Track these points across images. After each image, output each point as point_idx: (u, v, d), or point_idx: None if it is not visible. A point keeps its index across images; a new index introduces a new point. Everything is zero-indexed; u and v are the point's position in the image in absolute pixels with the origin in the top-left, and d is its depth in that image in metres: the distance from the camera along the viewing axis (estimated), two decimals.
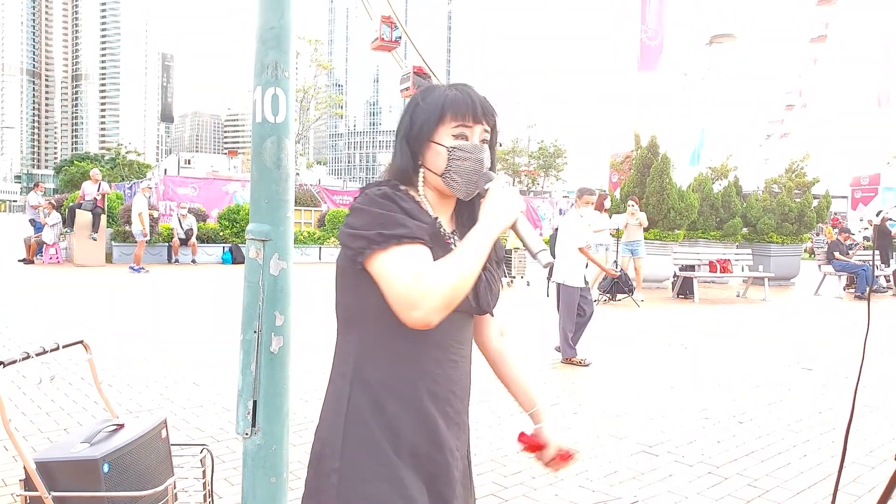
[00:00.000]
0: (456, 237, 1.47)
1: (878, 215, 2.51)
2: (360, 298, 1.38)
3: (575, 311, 6.64)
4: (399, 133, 1.46)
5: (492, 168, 1.45)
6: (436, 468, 1.41)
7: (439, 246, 1.38)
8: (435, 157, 1.41)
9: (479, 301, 1.44)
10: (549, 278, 7.47)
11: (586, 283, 6.91)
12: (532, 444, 1.62)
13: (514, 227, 1.39)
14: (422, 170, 1.44)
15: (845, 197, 34.58)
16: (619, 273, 7.36)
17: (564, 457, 1.61)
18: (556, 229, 7.73)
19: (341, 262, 1.41)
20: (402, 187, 1.41)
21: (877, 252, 15.39)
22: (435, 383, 1.40)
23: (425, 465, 1.39)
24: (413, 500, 1.34)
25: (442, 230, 1.44)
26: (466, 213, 1.52)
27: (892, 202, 28.97)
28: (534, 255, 1.38)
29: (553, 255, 7.01)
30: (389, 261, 1.28)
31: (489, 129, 1.45)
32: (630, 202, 12.62)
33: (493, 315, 1.58)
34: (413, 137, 1.43)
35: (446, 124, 1.40)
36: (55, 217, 15.66)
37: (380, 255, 1.29)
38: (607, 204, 12.16)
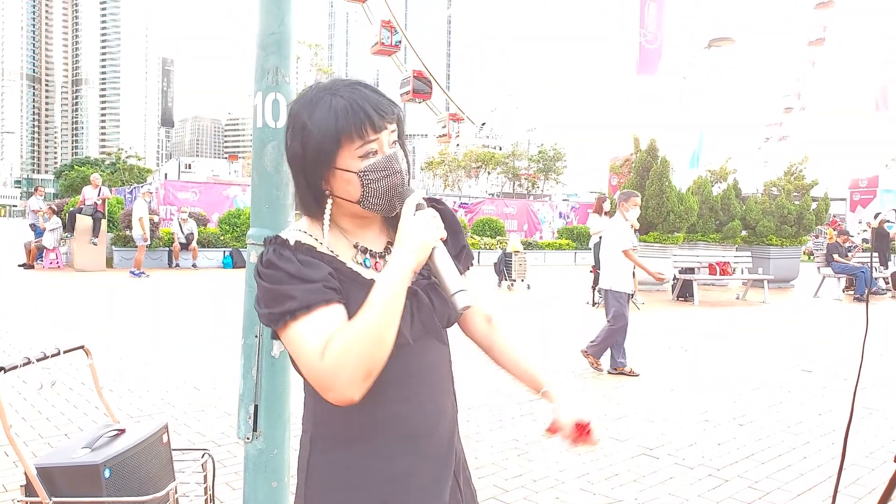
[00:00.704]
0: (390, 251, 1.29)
1: (875, 217, 2.51)
2: None
3: (626, 318, 6.41)
4: (293, 164, 1.25)
5: (409, 163, 1.28)
6: None
7: (352, 283, 1.22)
8: (345, 185, 1.21)
9: (419, 329, 1.26)
10: (595, 287, 7.25)
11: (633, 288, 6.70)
12: (552, 428, 1.48)
13: (430, 261, 1.20)
14: (329, 200, 1.25)
15: (844, 199, 34.63)
16: (665, 278, 7.13)
17: (581, 430, 1.45)
18: (600, 235, 7.54)
19: None
20: (293, 236, 1.23)
21: (875, 254, 15.41)
22: (401, 425, 1.26)
23: None
24: None
25: (357, 257, 1.27)
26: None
27: (890, 204, 28.99)
28: (448, 296, 1.19)
29: (597, 260, 6.96)
30: (291, 341, 1.15)
31: (393, 126, 1.24)
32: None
33: (448, 326, 1.37)
34: (310, 167, 1.21)
35: (346, 147, 1.19)
36: (55, 222, 15.67)
37: (282, 335, 1.17)
38: (606, 206, 12.15)
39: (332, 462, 1.25)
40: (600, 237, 7.28)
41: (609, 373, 6.42)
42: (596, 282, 7.27)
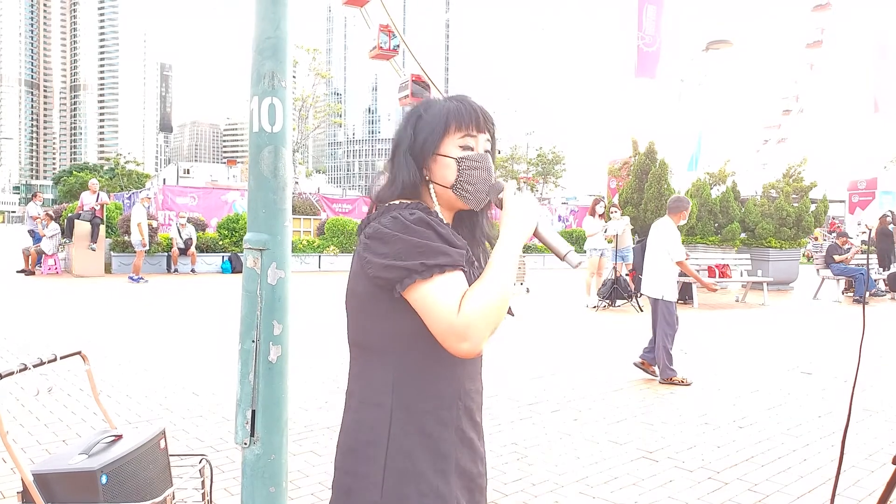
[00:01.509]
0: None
1: (880, 218, 2.50)
2: (394, 324, 1.33)
3: (676, 328, 6.30)
4: (401, 147, 1.42)
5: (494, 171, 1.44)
6: (479, 482, 1.43)
7: (469, 267, 1.36)
8: (443, 169, 1.39)
9: None
10: (638, 294, 7.06)
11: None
12: None
13: (537, 234, 1.37)
14: (431, 185, 1.41)
15: (843, 201, 34.66)
16: (717, 287, 6.99)
17: None
18: (639, 242, 7.31)
19: (366, 288, 1.34)
20: (433, 210, 1.38)
21: (874, 255, 15.39)
22: (470, 399, 1.41)
23: (470, 484, 1.40)
24: None
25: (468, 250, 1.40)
26: (467, 224, 1.50)
27: (889, 206, 29.01)
28: (562, 258, 1.36)
29: (639, 268, 6.83)
30: (432, 292, 1.25)
31: (490, 138, 1.44)
32: (613, 209, 12.69)
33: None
34: (418, 151, 1.39)
35: (452, 135, 1.38)
36: (54, 228, 15.66)
37: (422, 286, 1.25)
38: (600, 209, 12.14)
39: (418, 429, 1.33)
40: (639, 241, 7.03)
41: (660, 383, 6.22)
42: (637, 287, 7.05)
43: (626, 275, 12.18)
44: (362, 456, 1.33)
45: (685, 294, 12.79)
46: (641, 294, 6.77)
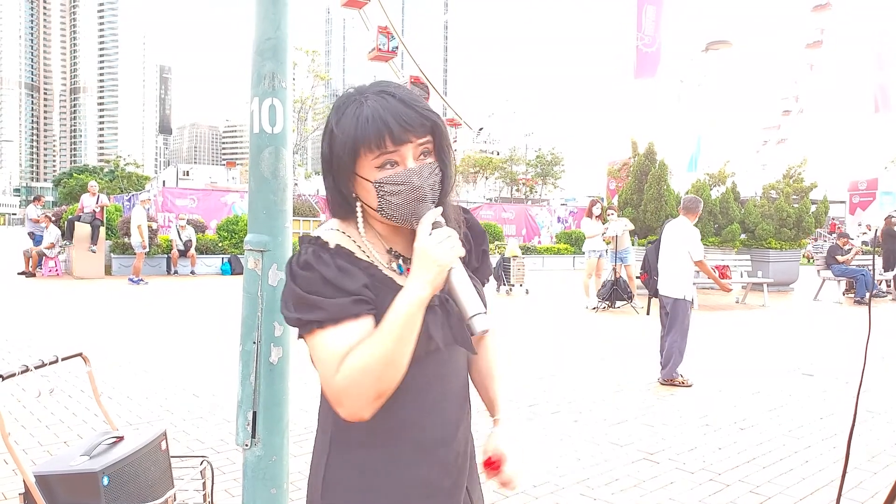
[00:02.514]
0: None
1: (885, 219, 2.50)
2: None
3: (688, 329, 6.27)
4: (322, 164, 1.27)
5: (447, 176, 1.26)
6: None
7: (387, 289, 1.20)
8: (365, 192, 1.22)
9: (448, 337, 1.24)
10: (652, 294, 6.94)
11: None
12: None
13: (447, 282, 1.18)
14: (358, 203, 1.26)
15: (843, 202, 34.69)
16: (731, 288, 6.90)
17: (489, 464, 1.41)
18: (651, 242, 7.23)
19: None
20: (333, 238, 1.23)
21: (879, 256, 15.38)
22: (421, 432, 1.25)
23: None
24: None
25: (393, 265, 1.27)
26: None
27: (889, 206, 29.01)
28: (466, 319, 1.17)
29: (654, 270, 6.78)
30: (313, 348, 1.16)
31: (424, 139, 1.21)
32: (610, 210, 12.69)
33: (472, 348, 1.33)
34: (336, 171, 1.23)
35: (365, 157, 1.19)
36: (54, 232, 15.66)
37: (308, 340, 1.17)
38: (597, 210, 12.14)
39: (351, 463, 1.24)
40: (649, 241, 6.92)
41: (661, 383, 6.21)
42: (651, 288, 6.95)
43: (637, 277, 12.18)
44: (311, 479, 1.31)
45: None
46: (656, 295, 6.66)
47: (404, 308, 1.12)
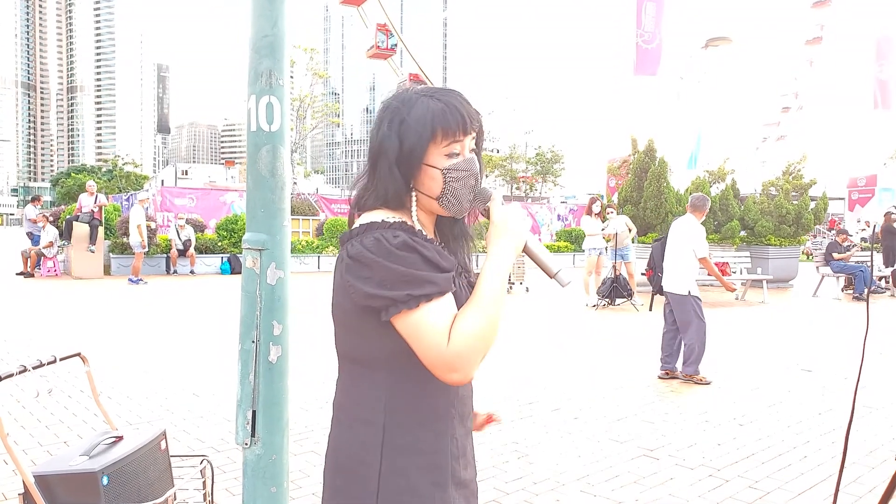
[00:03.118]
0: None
1: (885, 215, 2.50)
2: (384, 343, 1.28)
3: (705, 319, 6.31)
4: (386, 155, 1.31)
5: (481, 171, 1.37)
6: (472, 488, 1.41)
7: (457, 277, 1.32)
8: (429, 180, 1.30)
9: None
10: (655, 292, 6.98)
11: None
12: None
13: (526, 250, 1.32)
14: (414, 193, 1.33)
15: (842, 198, 34.69)
16: (735, 287, 6.93)
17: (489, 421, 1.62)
18: (657, 240, 7.25)
19: (353, 307, 1.28)
20: (409, 223, 1.31)
21: (879, 252, 15.38)
22: (462, 404, 1.38)
23: (465, 491, 1.37)
24: None
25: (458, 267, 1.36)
26: (448, 227, 1.44)
27: (888, 202, 29.03)
28: (552, 276, 1.32)
29: (659, 267, 6.81)
30: (419, 321, 1.21)
31: (475, 135, 1.35)
32: (609, 209, 12.68)
33: None
34: (403, 161, 1.29)
35: (437, 144, 1.28)
36: (51, 232, 15.64)
37: (409, 315, 1.21)
38: (596, 208, 12.13)
39: (409, 446, 1.30)
40: (662, 239, 6.92)
41: (660, 378, 6.30)
42: (656, 285, 6.98)
43: (643, 273, 12.17)
44: (354, 476, 1.30)
45: None
46: (660, 292, 6.70)
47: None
